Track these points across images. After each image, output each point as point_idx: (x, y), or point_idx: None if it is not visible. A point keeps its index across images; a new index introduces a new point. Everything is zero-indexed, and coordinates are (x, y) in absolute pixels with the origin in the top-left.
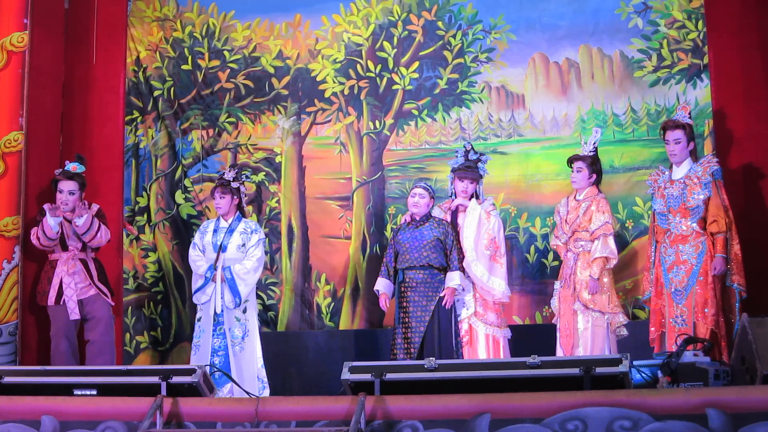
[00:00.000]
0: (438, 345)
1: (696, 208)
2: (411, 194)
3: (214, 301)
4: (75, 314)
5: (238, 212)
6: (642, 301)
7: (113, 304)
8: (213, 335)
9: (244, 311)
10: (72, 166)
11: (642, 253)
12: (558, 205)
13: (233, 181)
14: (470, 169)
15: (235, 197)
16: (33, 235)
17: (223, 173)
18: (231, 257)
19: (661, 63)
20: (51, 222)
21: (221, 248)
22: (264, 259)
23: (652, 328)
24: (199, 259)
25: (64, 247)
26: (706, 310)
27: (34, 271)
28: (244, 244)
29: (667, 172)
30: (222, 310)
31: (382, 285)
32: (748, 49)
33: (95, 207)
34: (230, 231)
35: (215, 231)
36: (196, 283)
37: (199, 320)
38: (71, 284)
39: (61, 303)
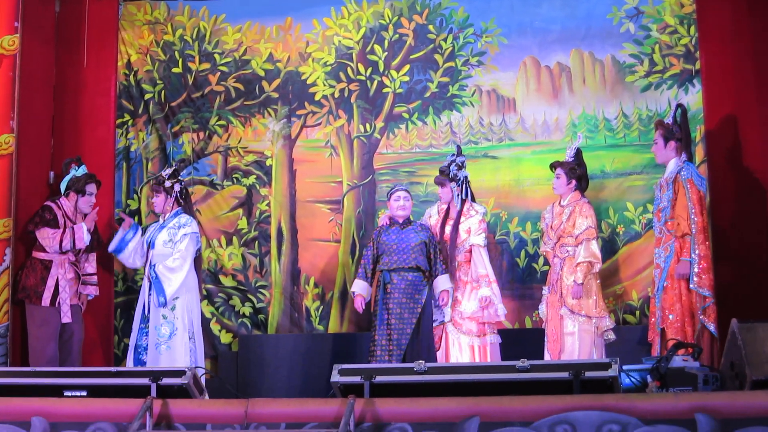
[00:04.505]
0: (424, 348)
1: (664, 209)
2: (395, 197)
3: (141, 299)
4: (68, 317)
5: (177, 209)
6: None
7: (83, 309)
8: (142, 333)
9: (173, 309)
10: (85, 168)
11: (632, 258)
12: (544, 212)
13: (167, 179)
14: (439, 174)
15: (169, 196)
16: (54, 239)
17: (163, 171)
18: (158, 253)
19: (652, 68)
20: (87, 237)
21: (149, 246)
22: (191, 254)
23: (651, 329)
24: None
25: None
26: (671, 316)
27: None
28: (171, 240)
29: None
30: (149, 309)
31: (359, 287)
32: (740, 54)
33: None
34: (161, 227)
35: (153, 229)
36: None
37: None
38: (66, 288)
39: (56, 305)
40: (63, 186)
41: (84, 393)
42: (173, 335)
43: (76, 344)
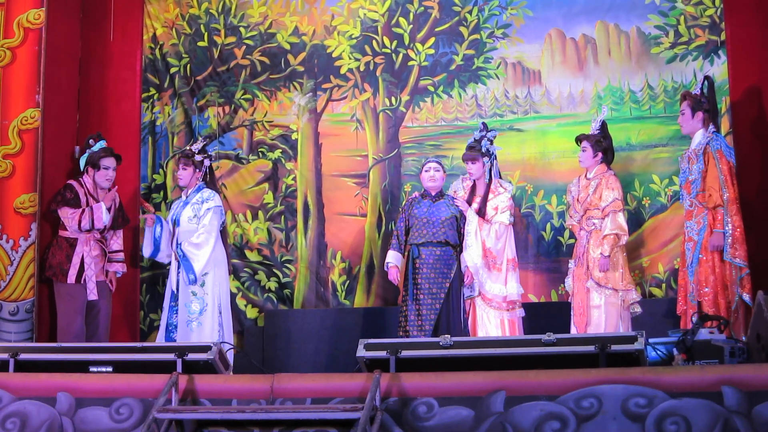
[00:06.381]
0: (451, 322)
1: (695, 182)
2: (425, 169)
3: (170, 278)
4: (94, 294)
5: (200, 184)
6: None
7: (113, 289)
8: (172, 311)
9: (202, 285)
10: (104, 143)
11: (658, 230)
12: (570, 185)
13: (198, 153)
14: (469, 150)
15: (198, 170)
16: (73, 219)
17: (191, 145)
18: (184, 230)
19: (678, 39)
20: (106, 217)
21: (175, 223)
22: (215, 228)
23: (680, 302)
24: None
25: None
26: (706, 288)
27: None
28: (195, 215)
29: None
30: (178, 287)
31: (394, 258)
32: (766, 25)
33: (117, 197)
34: (185, 203)
35: (177, 206)
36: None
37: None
38: (92, 265)
39: (82, 282)
40: (82, 163)
41: (110, 369)
42: (203, 311)
43: (102, 321)
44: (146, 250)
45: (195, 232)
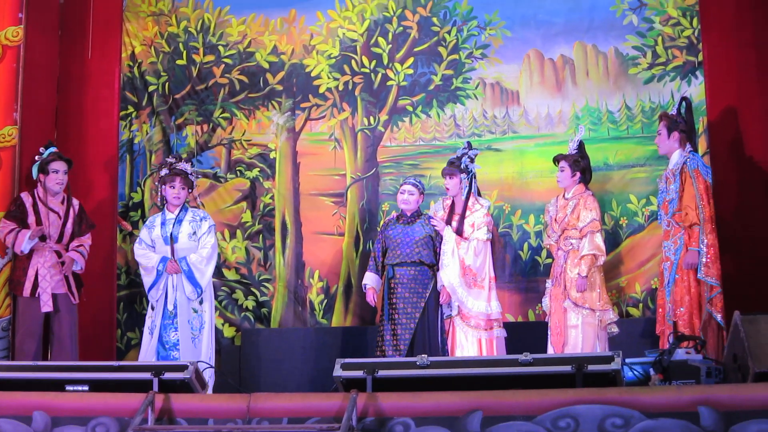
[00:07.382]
0: (427, 342)
1: (672, 201)
2: (400, 191)
3: (165, 294)
4: (48, 306)
5: (184, 203)
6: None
7: (76, 302)
8: (169, 329)
9: (201, 302)
10: (54, 149)
11: (635, 250)
12: (547, 205)
13: (190, 174)
14: (448, 165)
15: (190, 190)
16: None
17: (174, 161)
18: (183, 247)
19: (655, 60)
20: (26, 246)
21: (172, 239)
22: (217, 246)
23: (658, 322)
24: (145, 255)
25: (42, 238)
26: (681, 308)
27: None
28: (194, 233)
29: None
30: (176, 304)
31: (370, 279)
32: (743, 46)
33: (76, 203)
34: (179, 221)
35: (163, 224)
36: (147, 279)
37: (151, 314)
38: (47, 276)
39: (36, 295)
40: (34, 171)
41: (86, 387)
42: (203, 328)
43: (66, 335)
44: (148, 281)
45: (194, 248)
